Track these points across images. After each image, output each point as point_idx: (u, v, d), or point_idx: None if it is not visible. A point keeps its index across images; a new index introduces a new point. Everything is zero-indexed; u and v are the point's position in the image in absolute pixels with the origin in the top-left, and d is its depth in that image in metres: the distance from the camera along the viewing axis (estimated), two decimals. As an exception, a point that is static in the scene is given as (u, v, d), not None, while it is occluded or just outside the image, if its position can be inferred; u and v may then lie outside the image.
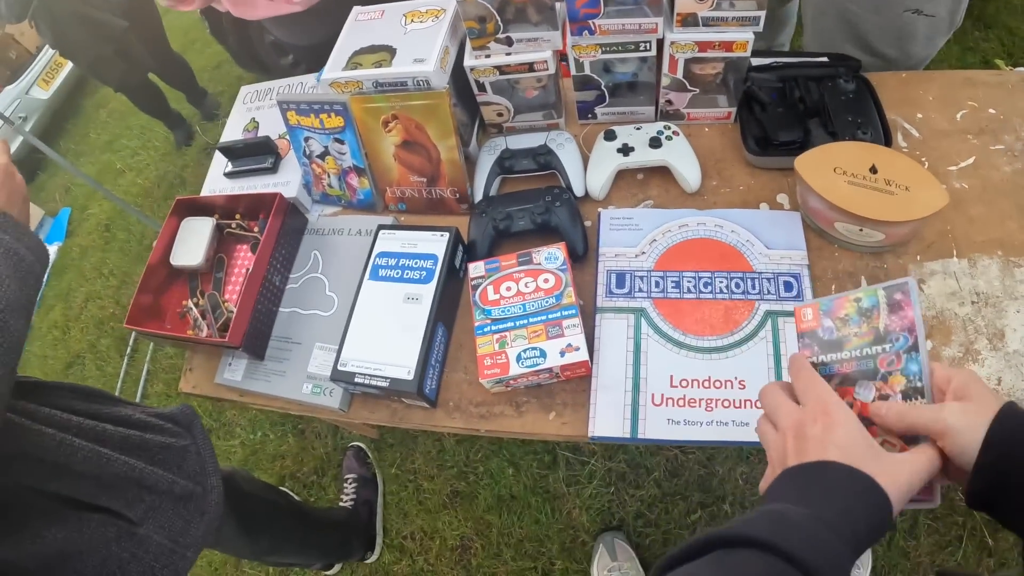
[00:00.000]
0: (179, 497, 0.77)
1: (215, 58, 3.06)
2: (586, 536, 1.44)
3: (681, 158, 0.92)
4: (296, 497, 1.60)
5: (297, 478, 1.71)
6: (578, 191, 0.94)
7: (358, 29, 0.97)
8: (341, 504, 1.53)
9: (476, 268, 0.84)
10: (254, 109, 1.20)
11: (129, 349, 2.23)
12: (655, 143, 0.92)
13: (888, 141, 0.90)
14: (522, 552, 1.45)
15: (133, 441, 0.75)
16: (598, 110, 1.01)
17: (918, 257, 0.84)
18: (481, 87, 0.96)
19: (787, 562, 0.34)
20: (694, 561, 0.37)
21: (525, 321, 0.78)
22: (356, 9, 1.00)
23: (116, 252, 2.67)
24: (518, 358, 0.76)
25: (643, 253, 0.87)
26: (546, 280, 0.80)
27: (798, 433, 0.44)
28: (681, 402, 0.76)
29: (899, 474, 0.40)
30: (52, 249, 2.84)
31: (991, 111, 0.94)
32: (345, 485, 1.56)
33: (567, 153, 0.95)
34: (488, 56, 0.90)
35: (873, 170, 0.80)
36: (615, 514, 1.45)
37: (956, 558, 1.36)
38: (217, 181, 1.13)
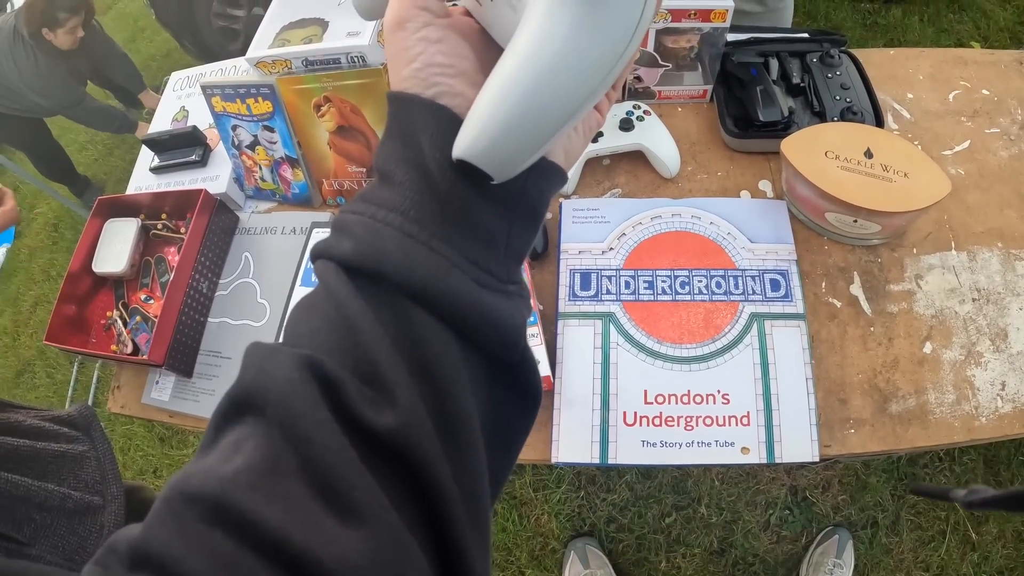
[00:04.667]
0: (72, 512, 0.68)
1: (164, 46, 2.89)
2: (556, 543, 1.38)
3: (657, 140, 0.83)
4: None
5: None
6: None
7: (289, 1, 0.85)
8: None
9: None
10: (184, 97, 1.09)
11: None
12: (626, 125, 0.82)
13: (880, 123, 0.82)
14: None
15: (22, 453, 0.65)
16: (560, 92, 0.92)
17: (914, 250, 0.77)
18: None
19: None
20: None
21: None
22: None
23: (64, 252, 2.52)
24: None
25: (611, 249, 0.77)
26: (501, 284, 0.70)
27: None
28: (657, 421, 0.67)
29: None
30: (0, 252, 2.68)
31: (984, 92, 0.88)
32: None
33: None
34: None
35: (868, 154, 0.72)
36: (586, 519, 1.39)
37: (939, 553, 1.32)
38: (143, 177, 1.01)
